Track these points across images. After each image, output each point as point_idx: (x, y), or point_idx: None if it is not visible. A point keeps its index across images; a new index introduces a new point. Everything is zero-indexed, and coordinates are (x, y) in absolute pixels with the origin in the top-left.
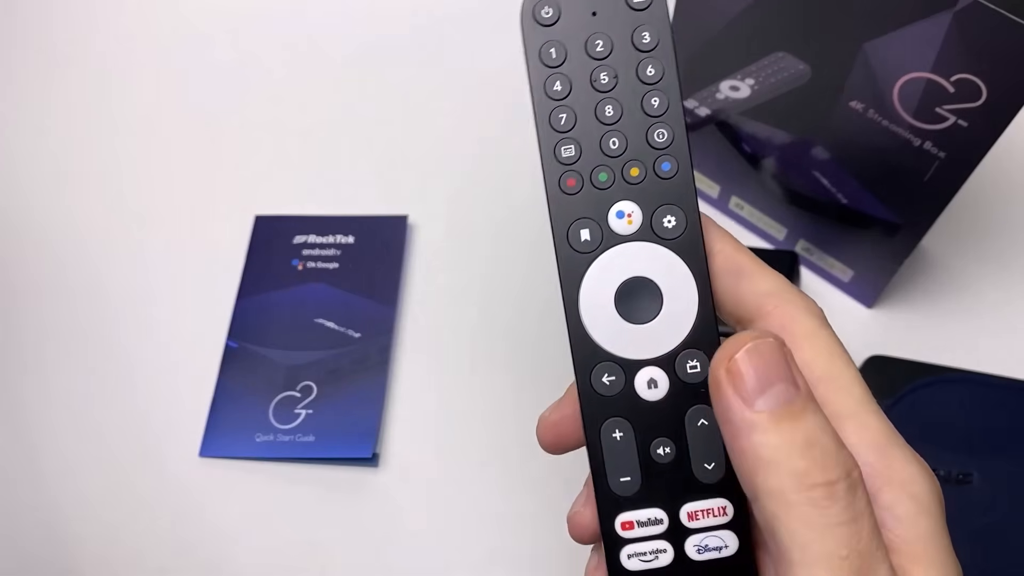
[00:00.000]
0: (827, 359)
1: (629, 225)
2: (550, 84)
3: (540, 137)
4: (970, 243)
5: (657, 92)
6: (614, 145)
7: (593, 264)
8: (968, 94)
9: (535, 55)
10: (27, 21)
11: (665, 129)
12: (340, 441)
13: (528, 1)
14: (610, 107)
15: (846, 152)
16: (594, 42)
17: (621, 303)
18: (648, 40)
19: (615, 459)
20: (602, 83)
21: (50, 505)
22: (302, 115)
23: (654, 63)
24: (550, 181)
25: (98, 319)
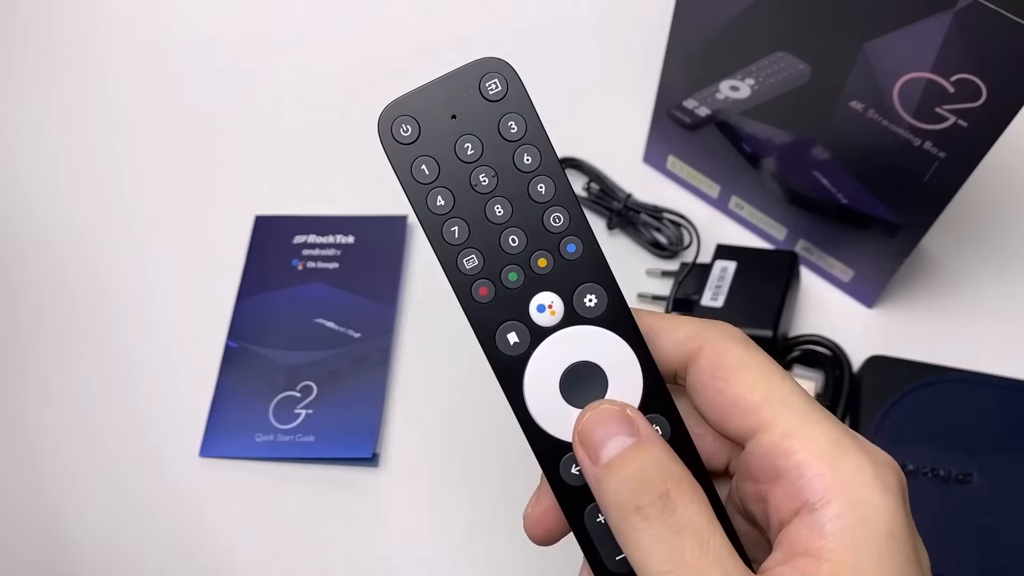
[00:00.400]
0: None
1: (552, 316)
2: (432, 200)
3: (438, 254)
4: (970, 243)
5: (540, 178)
6: (514, 242)
7: (529, 363)
8: (968, 94)
9: (407, 175)
10: (27, 21)
11: (559, 212)
12: (340, 441)
13: (383, 122)
14: (499, 206)
15: (846, 152)
16: (463, 146)
17: (567, 392)
18: (516, 129)
19: (605, 542)
20: (484, 185)
21: (50, 505)
22: (302, 115)
23: (528, 149)
24: (462, 294)
25: (98, 319)
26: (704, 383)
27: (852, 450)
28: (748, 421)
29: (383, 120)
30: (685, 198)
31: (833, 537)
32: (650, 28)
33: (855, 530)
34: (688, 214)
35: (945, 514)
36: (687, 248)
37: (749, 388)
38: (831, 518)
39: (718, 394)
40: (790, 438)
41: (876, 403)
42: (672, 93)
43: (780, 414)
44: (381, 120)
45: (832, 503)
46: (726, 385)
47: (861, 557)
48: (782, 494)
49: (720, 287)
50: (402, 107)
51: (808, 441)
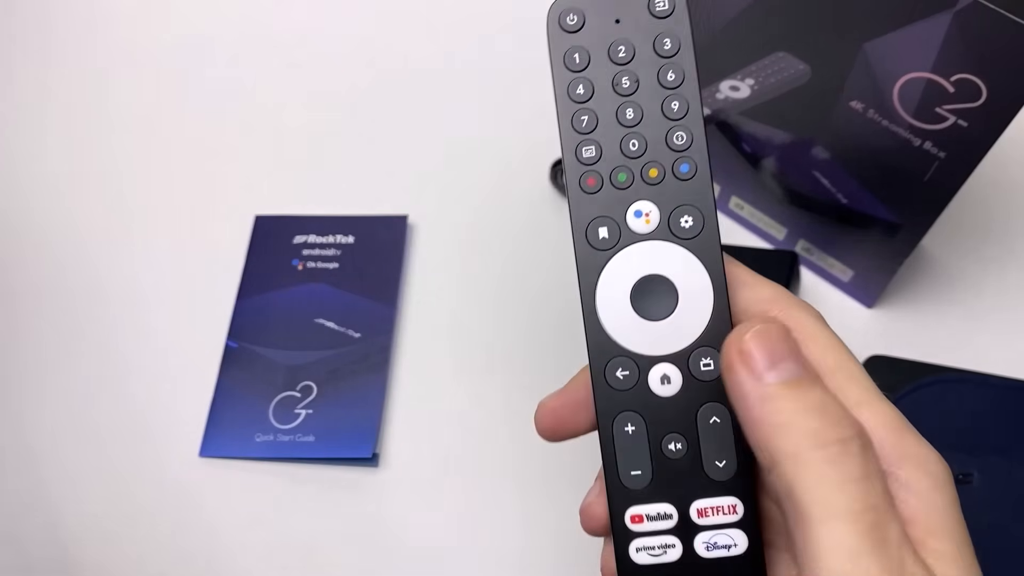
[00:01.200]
0: (834, 354)
1: (647, 224)
2: (573, 87)
3: (563, 138)
4: (970, 243)
5: (677, 96)
6: (634, 147)
7: (611, 261)
8: (968, 94)
9: (559, 60)
10: (27, 21)
11: (684, 132)
12: (340, 441)
13: (554, 8)
14: (631, 110)
15: (846, 152)
16: (616, 48)
17: (637, 300)
18: (669, 46)
19: (627, 452)
20: (623, 87)
21: (50, 505)
22: (302, 115)
23: (675, 68)
24: (571, 180)
25: (98, 319)
26: None
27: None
28: None
29: (555, 4)
30: None
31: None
32: None
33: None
34: None
35: None
36: None
37: (822, 355)
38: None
39: None
40: (859, 407)
41: None
42: None
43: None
44: (554, 4)
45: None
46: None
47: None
48: None
49: None
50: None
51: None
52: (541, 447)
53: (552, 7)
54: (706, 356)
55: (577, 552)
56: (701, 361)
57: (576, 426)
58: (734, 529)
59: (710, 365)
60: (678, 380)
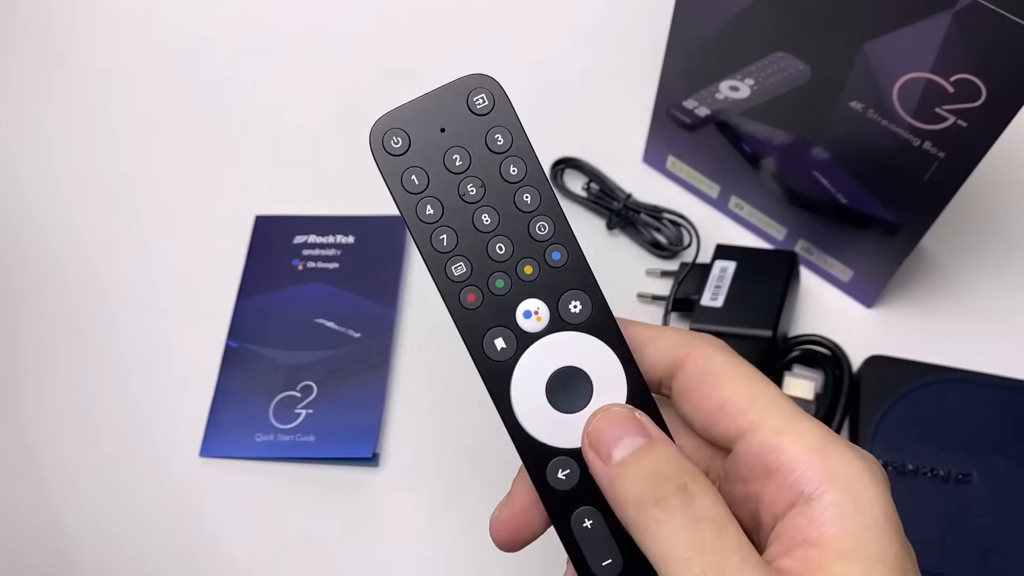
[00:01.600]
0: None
1: (539, 321)
2: (421, 209)
3: (427, 261)
4: (970, 243)
5: (526, 187)
6: (501, 250)
7: (516, 368)
8: (968, 94)
9: (398, 185)
10: (27, 21)
11: (544, 221)
12: (340, 441)
13: (375, 134)
14: (486, 215)
15: (846, 152)
16: (451, 157)
17: (554, 397)
18: (502, 141)
19: (592, 547)
20: (471, 194)
21: (50, 505)
22: (302, 115)
23: (515, 161)
24: (450, 300)
25: (98, 319)
26: (691, 388)
27: (839, 444)
28: (736, 422)
29: (375, 132)
30: (685, 198)
31: (832, 524)
32: (650, 28)
33: (853, 517)
34: (688, 214)
35: (945, 514)
36: (687, 248)
37: (736, 391)
38: (828, 506)
39: (705, 398)
40: (780, 435)
41: (876, 403)
42: (672, 93)
43: (768, 414)
44: (373, 132)
45: (827, 492)
46: (713, 389)
47: (861, 542)
48: (775, 489)
49: (720, 287)
50: (392, 120)
51: (797, 437)
52: None
53: (372, 132)
54: None
55: None
56: None
57: (533, 530)
58: None
59: None
60: None
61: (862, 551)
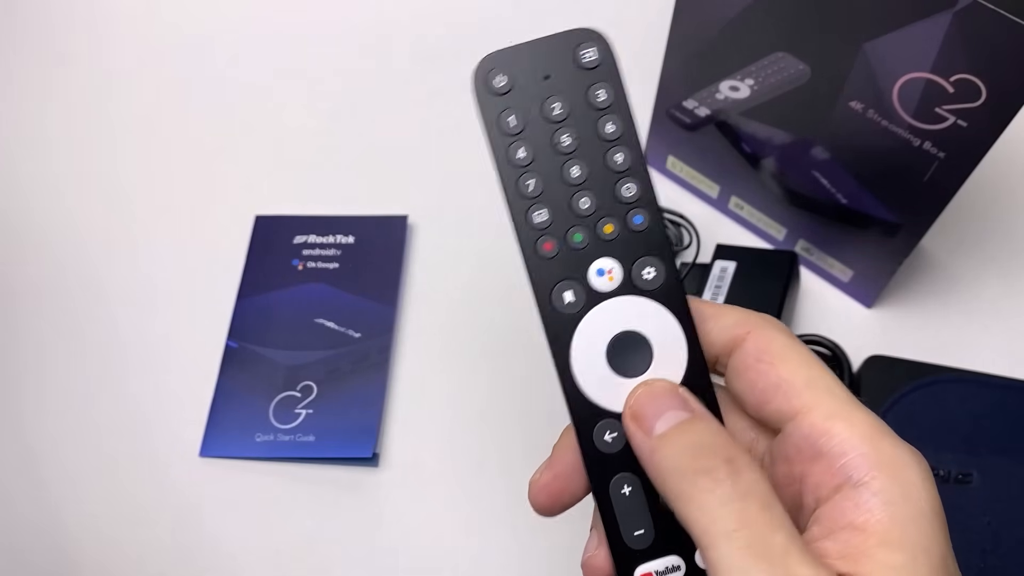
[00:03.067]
0: (807, 369)
1: (610, 281)
2: (513, 152)
3: (510, 205)
4: (970, 243)
5: (619, 148)
6: (584, 205)
7: (580, 324)
8: (968, 94)
9: (493, 124)
10: (27, 21)
11: (632, 183)
12: (340, 441)
13: (479, 71)
14: (575, 168)
15: (846, 152)
16: (550, 105)
17: (613, 359)
18: (603, 98)
19: (627, 514)
20: (564, 145)
21: (50, 505)
22: (302, 115)
23: (612, 119)
24: (526, 247)
25: (98, 319)
26: (749, 365)
27: (891, 435)
28: (790, 403)
29: (480, 69)
30: (685, 198)
31: (879, 511)
32: (649, 28)
33: (900, 506)
34: (688, 214)
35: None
36: (687, 248)
37: (793, 372)
38: (875, 493)
39: (762, 376)
40: (832, 419)
41: (876, 403)
42: (672, 93)
43: (822, 398)
44: (478, 69)
45: (876, 479)
46: (770, 368)
47: (907, 531)
48: (822, 472)
49: (720, 287)
50: (499, 60)
51: (850, 424)
52: (541, 447)
53: (477, 69)
54: None
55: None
56: None
57: (573, 494)
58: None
59: None
60: None
61: (907, 540)
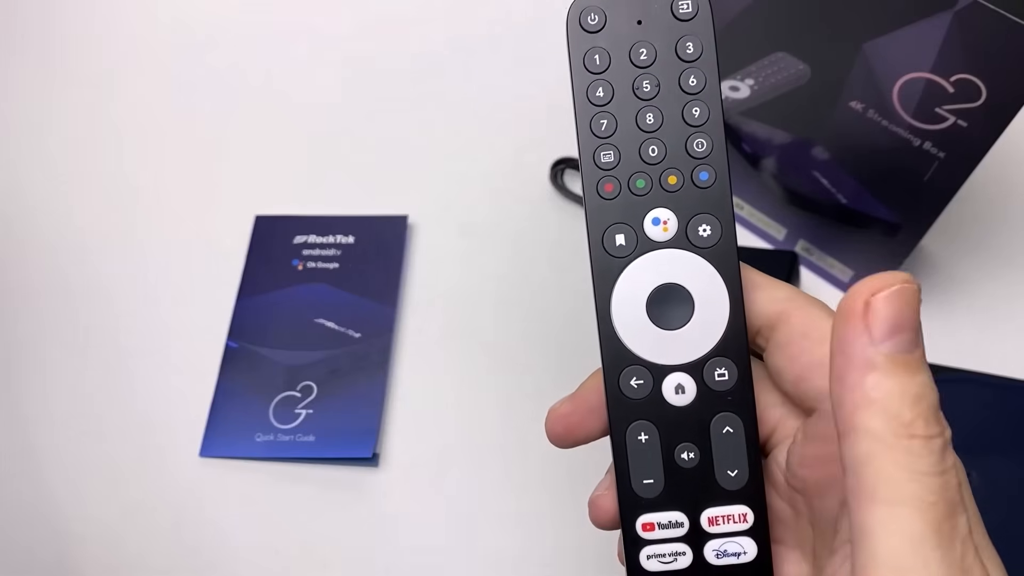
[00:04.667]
0: None
1: (665, 232)
2: (592, 90)
3: (580, 141)
4: (970, 243)
5: (698, 102)
6: (653, 153)
7: (627, 269)
8: (968, 94)
9: (579, 60)
10: (28, 22)
11: (705, 139)
12: (340, 441)
13: (575, 8)
14: (651, 115)
15: (846, 152)
16: (638, 50)
17: (653, 309)
18: (692, 50)
19: (639, 461)
20: (644, 91)
21: (50, 506)
22: (302, 115)
23: (696, 73)
24: (588, 185)
25: (98, 319)
26: (793, 340)
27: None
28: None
29: (576, 3)
30: None
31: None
32: None
33: None
34: None
35: None
36: None
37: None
38: None
39: (805, 352)
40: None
41: None
42: None
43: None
44: (574, 4)
45: None
46: (816, 345)
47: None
48: None
49: None
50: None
51: None
52: (541, 447)
53: (573, 6)
54: (721, 367)
55: (577, 553)
56: (716, 371)
57: (588, 432)
58: (744, 537)
59: (724, 375)
60: (692, 390)
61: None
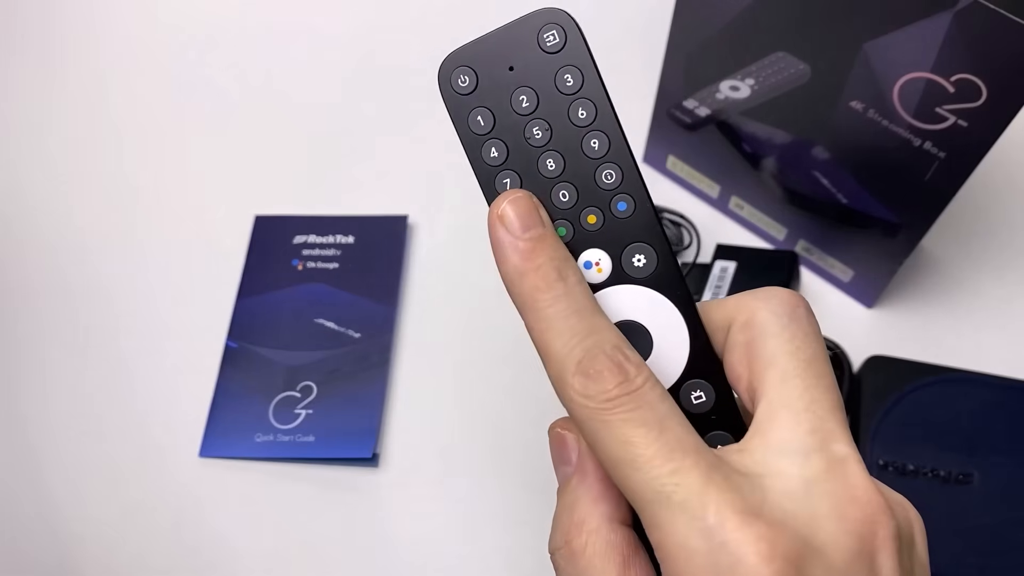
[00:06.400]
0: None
1: (599, 273)
2: (486, 152)
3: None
4: (970, 243)
5: (594, 132)
6: (564, 197)
7: None
8: (968, 94)
9: (464, 126)
10: (28, 21)
11: (612, 169)
12: (340, 441)
13: (444, 71)
14: (551, 160)
15: (846, 152)
16: (518, 98)
17: None
18: (572, 82)
19: None
20: (537, 138)
21: (50, 506)
22: (302, 115)
23: (583, 104)
24: None
25: (98, 319)
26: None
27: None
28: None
29: (443, 70)
30: (685, 198)
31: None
32: (650, 28)
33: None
34: (688, 214)
35: (945, 514)
36: (687, 248)
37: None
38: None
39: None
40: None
41: (876, 403)
42: (672, 93)
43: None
44: (441, 70)
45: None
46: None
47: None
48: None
49: (720, 287)
50: (461, 58)
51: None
52: (541, 447)
53: (441, 69)
54: (696, 389)
55: None
56: (692, 395)
57: None
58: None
59: (703, 397)
60: None
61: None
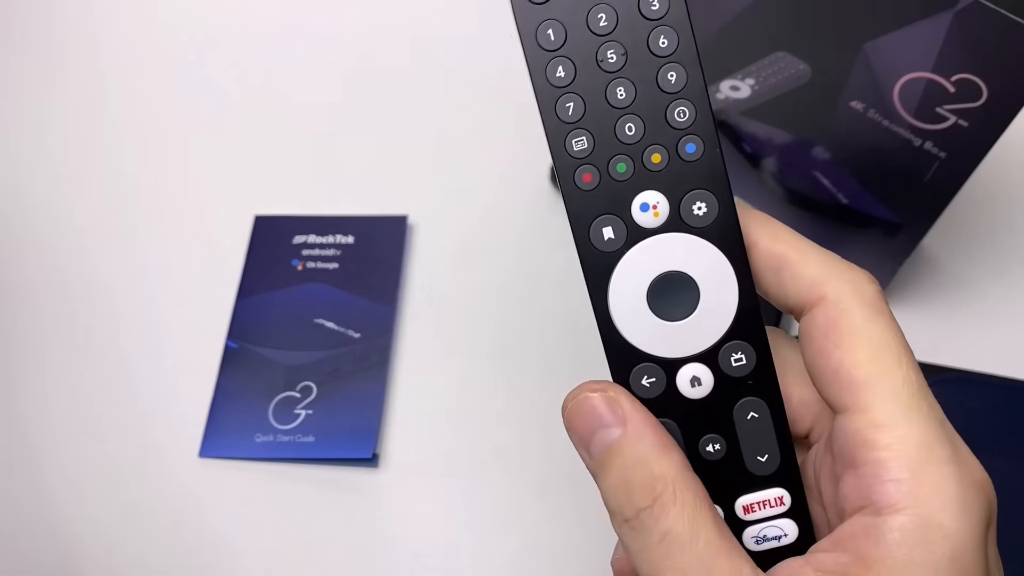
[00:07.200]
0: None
1: (655, 217)
2: (552, 70)
3: (547, 130)
4: (971, 243)
5: (673, 65)
6: (630, 131)
7: (620, 263)
8: (968, 94)
9: (531, 39)
10: (28, 21)
11: (686, 106)
12: (340, 441)
13: None
14: (621, 88)
15: (846, 152)
16: (596, 15)
17: (655, 300)
18: (657, 6)
19: None
20: (610, 62)
21: (50, 506)
22: (302, 115)
23: (666, 32)
24: (564, 178)
25: (98, 319)
26: (813, 338)
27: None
28: (843, 397)
29: None
30: None
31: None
32: None
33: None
34: None
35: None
36: None
37: (856, 363)
38: (893, 529)
39: (822, 356)
40: (880, 430)
41: None
42: None
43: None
44: None
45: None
46: (835, 350)
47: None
48: (853, 485)
49: None
50: None
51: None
52: (541, 448)
53: None
54: (737, 351)
55: (576, 553)
56: (732, 357)
57: None
58: (783, 519)
59: (743, 360)
60: (709, 380)
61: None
